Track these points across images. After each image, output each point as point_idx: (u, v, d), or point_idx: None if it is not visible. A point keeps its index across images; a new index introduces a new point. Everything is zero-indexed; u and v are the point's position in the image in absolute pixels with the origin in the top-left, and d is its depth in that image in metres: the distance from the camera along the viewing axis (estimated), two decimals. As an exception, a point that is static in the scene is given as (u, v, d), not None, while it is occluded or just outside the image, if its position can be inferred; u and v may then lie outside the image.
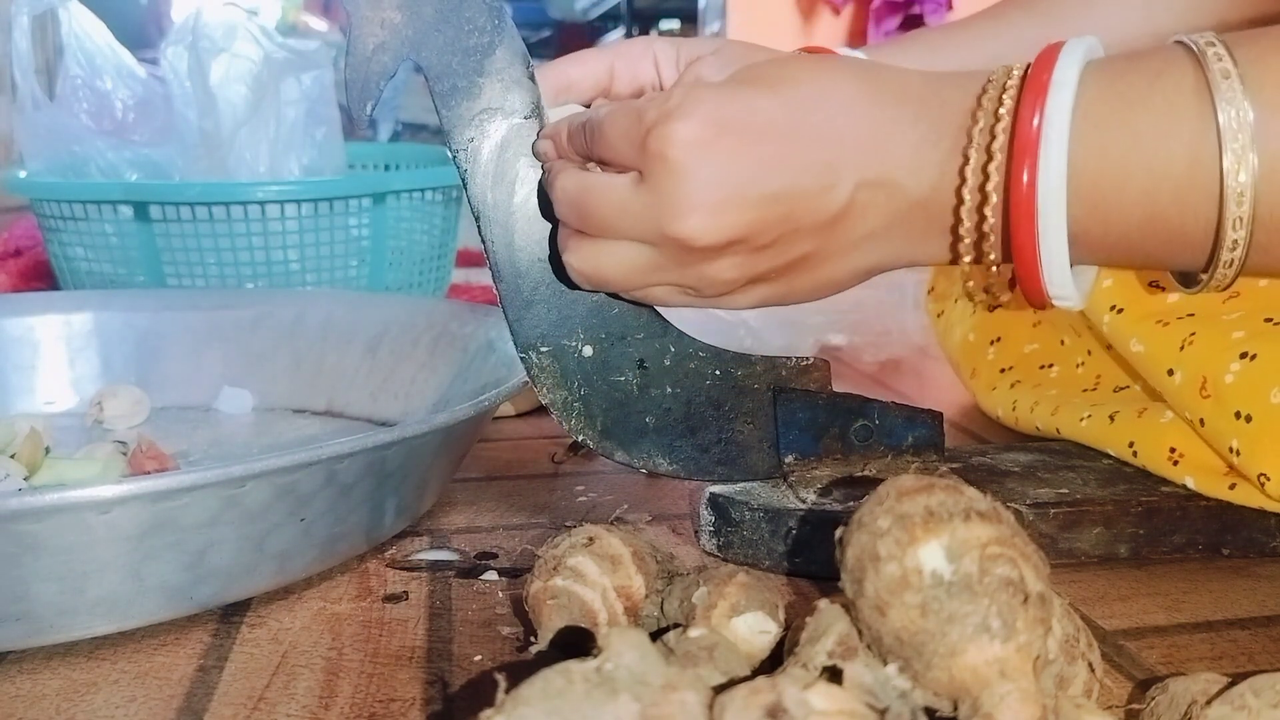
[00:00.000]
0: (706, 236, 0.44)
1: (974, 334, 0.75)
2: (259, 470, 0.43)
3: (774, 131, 0.44)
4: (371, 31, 0.50)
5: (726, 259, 0.45)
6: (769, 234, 0.44)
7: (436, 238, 1.01)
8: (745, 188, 0.43)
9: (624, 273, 0.47)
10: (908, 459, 0.55)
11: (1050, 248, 0.42)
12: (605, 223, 0.46)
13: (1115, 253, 0.44)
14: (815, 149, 0.44)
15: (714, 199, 0.43)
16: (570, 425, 0.52)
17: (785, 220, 0.44)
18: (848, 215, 0.44)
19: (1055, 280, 0.43)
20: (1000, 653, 0.31)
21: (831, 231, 0.45)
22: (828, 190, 0.43)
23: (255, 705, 0.41)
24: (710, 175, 0.43)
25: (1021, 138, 0.41)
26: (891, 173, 0.44)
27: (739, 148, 0.43)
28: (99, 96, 0.96)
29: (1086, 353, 0.66)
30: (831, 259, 0.46)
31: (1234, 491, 0.52)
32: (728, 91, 0.45)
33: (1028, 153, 0.41)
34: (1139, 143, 0.41)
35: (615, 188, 0.45)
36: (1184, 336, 0.54)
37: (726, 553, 0.53)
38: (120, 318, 0.77)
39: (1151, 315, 0.56)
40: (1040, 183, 0.41)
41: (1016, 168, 0.41)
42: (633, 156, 0.45)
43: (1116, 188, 0.41)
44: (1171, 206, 0.41)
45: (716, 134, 0.43)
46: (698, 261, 0.45)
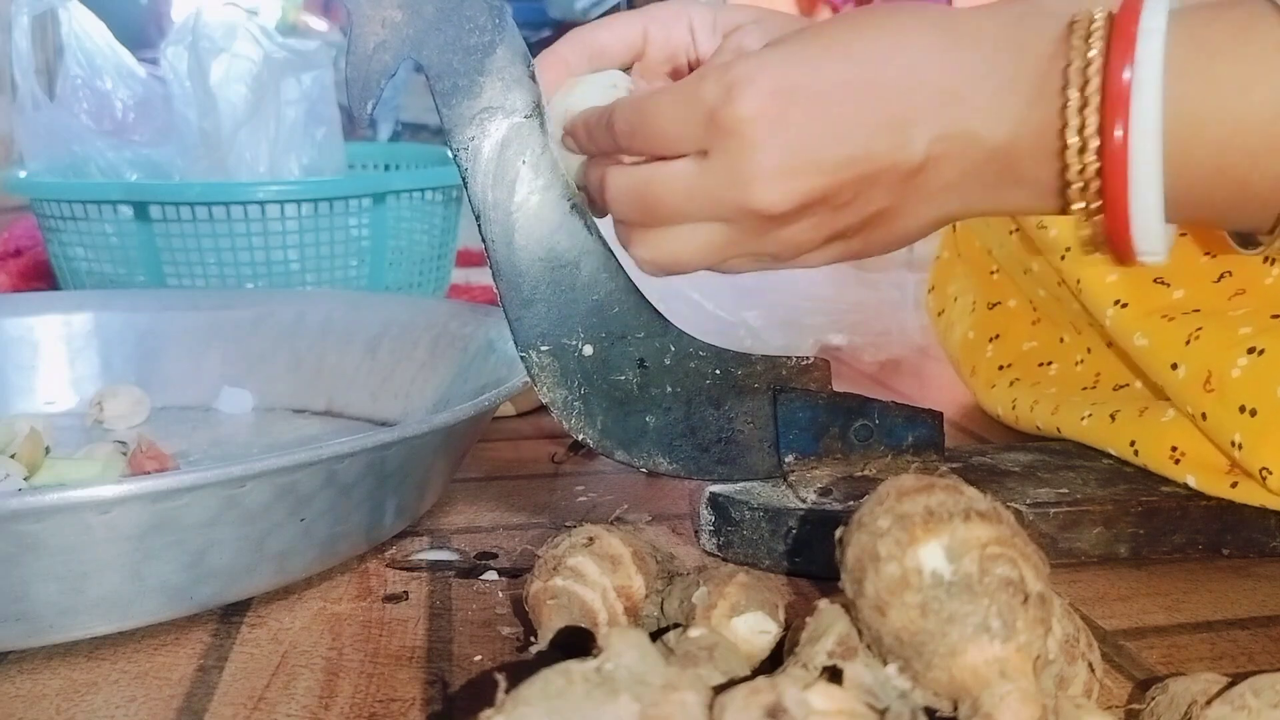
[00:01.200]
0: (784, 203, 0.43)
1: (973, 332, 0.75)
2: (259, 470, 0.43)
3: (844, 92, 0.43)
4: (372, 30, 0.50)
5: (804, 221, 0.45)
6: (846, 194, 0.44)
7: (436, 238, 1.01)
8: (820, 152, 0.43)
9: (700, 253, 0.47)
10: (908, 459, 0.55)
11: (1144, 203, 0.42)
12: (675, 210, 0.45)
13: (1184, 206, 0.43)
14: (887, 106, 0.43)
15: (790, 166, 0.43)
16: (570, 425, 0.52)
17: (862, 180, 0.44)
18: (923, 169, 0.44)
19: (1147, 236, 0.42)
20: (1000, 653, 0.31)
21: (908, 186, 0.44)
22: (902, 147, 0.43)
23: (255, 705, 0.41)
24: (784, 144, 0.43)
25: (1113, 90, 0.40)
26: (967, 123, 0.43)
27: (810, 113, 0.43)
28: (99, 96, 0.96)
29: (1086, 350, 0.66)
30: (908, 212, 0.45)
31: (1235, 490, 0.52)
32: (791, 56, 0.44)
33: (1120, 107, 0.40)
34: (1219, 93, 0.41)
35: (680, 173, 0.45)
36: (1190, 331, 0.54)
37: (726, 553, 0.53)
38: (120, 318, 0.77)
39: (1157, 310, 0.56)
40: (1134, 138, 0.41)
41: (1109, 121, 0.41)
42: (694, 138, 0.44)
43: (1193, 137, 0.41)
44: (1243, 160, 0.41)
45: (787, 102, 0.43)
46: (775, 229, 0.45)
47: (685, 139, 0.45)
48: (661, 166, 0.45)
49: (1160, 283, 0.57)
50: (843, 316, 0.96)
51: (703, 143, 0.44)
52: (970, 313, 0.76)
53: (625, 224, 0.48)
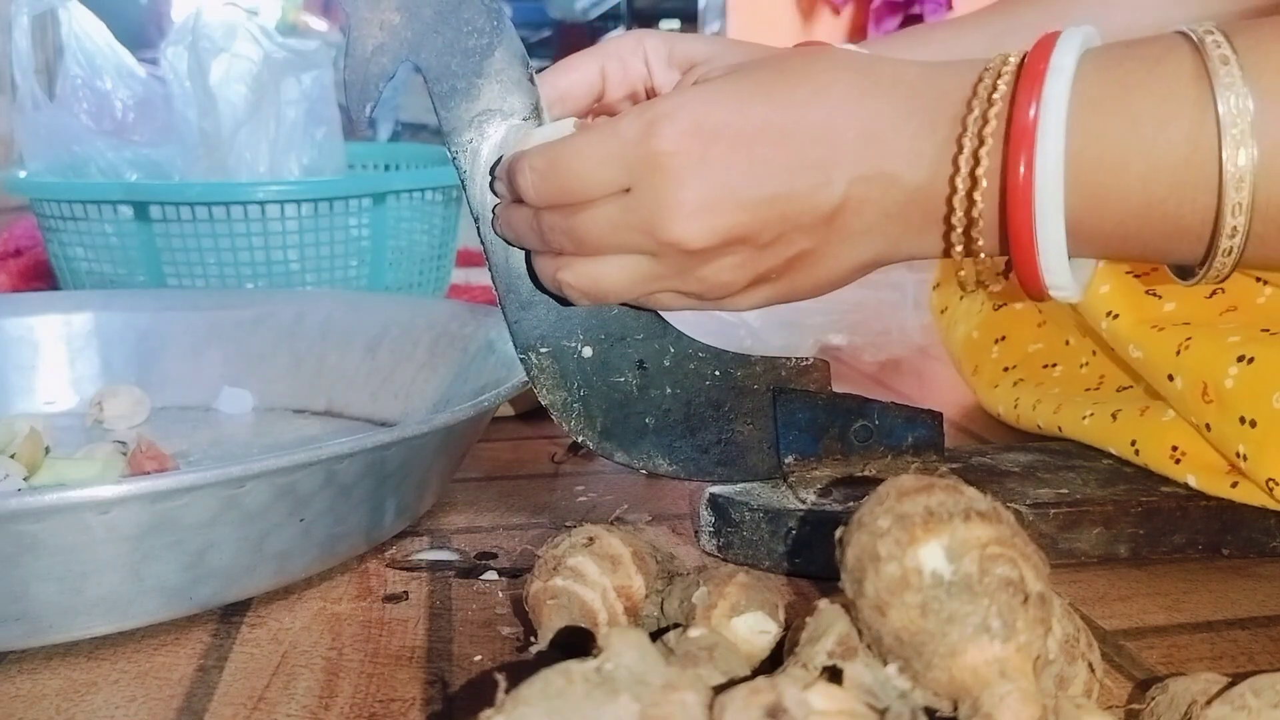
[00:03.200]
0: (702, 239, 0.44)
1: (978, 332, 0.75)
2: (259, 470, 0.43)
3: (765, 133, 0.43)
4: (371, 33, 0.50)
5: (725, 260, 0.45)
6: (766, 234, 0.44)
7: (436, 238, 1.01)
8: (738, 190, 0.43)
9: (625, 284, 0.47)
10: (908, 459, 0.55)
11: (1048, 238, 0.42)
12: (601, 243, 0.46)
13: (1112, 242, 0.43)
14: (808, 148, 0.43)
15: (708, 202, 0.43)
16: (570, 426, 0.52)
17: (781, 220, 0.44)
18: (843, 211, 0.44)
19: (1053, 270, 0.43)
20: (1000, 653, 0.31)
21: (829, 228, 0.44)
22: (821, 188, 0.43)
23: (255, 705, 0.41)
24: (705, 179, 0.43)
25: (1018, 126, 0.41)
26: (887, 166, 0.43)
27: (732, 152, 0.43)
28: (99, 96, 0.96)
29: (1091, 353, 0.66)
30: (830, 255, 0.46)
31: (1236, 490, 0.52)
32: (714, 96, 0.44)
33: (1024, 141, 0.41)
34: (1137, 129, 0.41)
35: (604, 208, 0.45)
36: (1180, 341, 0.54)
37: (726, 553, 0.53)
38: (120, 318, 0.77)
39: (1147, 321, 0.56)
40: (1038, 172, 0.41)
41: (1013, 157, 0.41)
42: (616, 176, 0.44)
43: (1113, 174, 0.41)
44: (1170, 194, 0.41)
45: (708, 140, 0.43)
46: (696, 265, 0.45)
47: (605, 180, 0.45)
48: (586, 207, 0.45)
49: (1152, 294, 0.57)
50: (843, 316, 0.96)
51: (624, 179, 0.44)
52: (976, 312, 0.76)
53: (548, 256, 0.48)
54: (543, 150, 0.46)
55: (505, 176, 0.49)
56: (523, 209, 0.48)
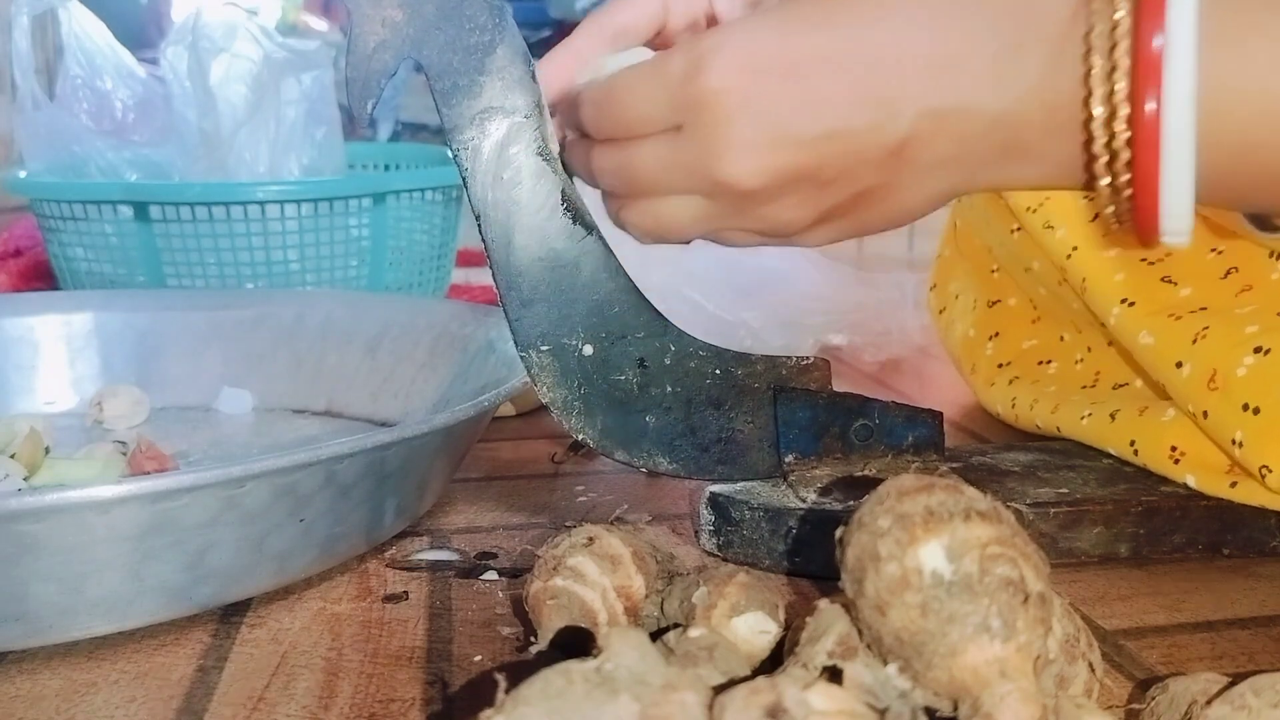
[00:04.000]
0: (754, 179, 0.42)
1: (974, 330, 0.75)
2: (259, 470, 0.43)
3: (820, 65, 0.41)
4: (372, 30, 0.50)
5: (786, 199, 0.43)
6: (826, 172, 0.42)
7: (436, 238, 1.01)
8: (790, 128, 0.41)
9: (687, 224, 0.45)
10: (908, 459, 0.55)
11: (1172, 180, 0.39)
12: (656, 184, 0.44)
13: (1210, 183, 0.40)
14: (869, 79, 0.41)
15: (759, 141, 0.41)
16: (570, 424, 0.52)
17: (842, 156, 0.42)
18: (912, 144, 0.41)
19: (1174, 214, 0.40)
20: (1000, 653, 0.31)
21: (896, 163, 0.42)
22: (884, 124, 0.41)
23: (255, 705, 0.41)
24: (755, 117, 0.41)
25: (1144, 58, 0.38)
26: (962, 94, 0.41)
27: (783, 86, 0.41)
28: (99, 96, 0.96)
29: (1086, 349, 0.66)
30: (901, 189, 0.43)
31: (1235, 490, 0.52)
32: (766, 26, 0.42)
33: (1151, 76, 0.38)
34: (1249, 69, 0.38)
35: (655, 150, 0.44)
36: (1197, 330, 0.53)
37: (726, 553, 0.53)
38: (120, 318, 0.77)
39: (1164, 309, 0.56)
40: (1165, 111, 0.38)
41: (1139, 92, 0.38)
42: (663, 115, 0.43)
43: (1223, 111, 0.39)
44: (1272, 139, 0.39)
45: (758, 74, 0.41)
46: (755, 205, 0.44)
47: (654, 117, 0.43)
48: (638, 144, 0.44)
49: (1167, 280, 0.57)
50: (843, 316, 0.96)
51: (674, 118, 0.43)
52: (971, 310, 0.76)
53: (614, 196, 0.47)
54: (600, 86, 0.45)
55: (569, 108, 0.48)
56: (579, 144, 0.47)
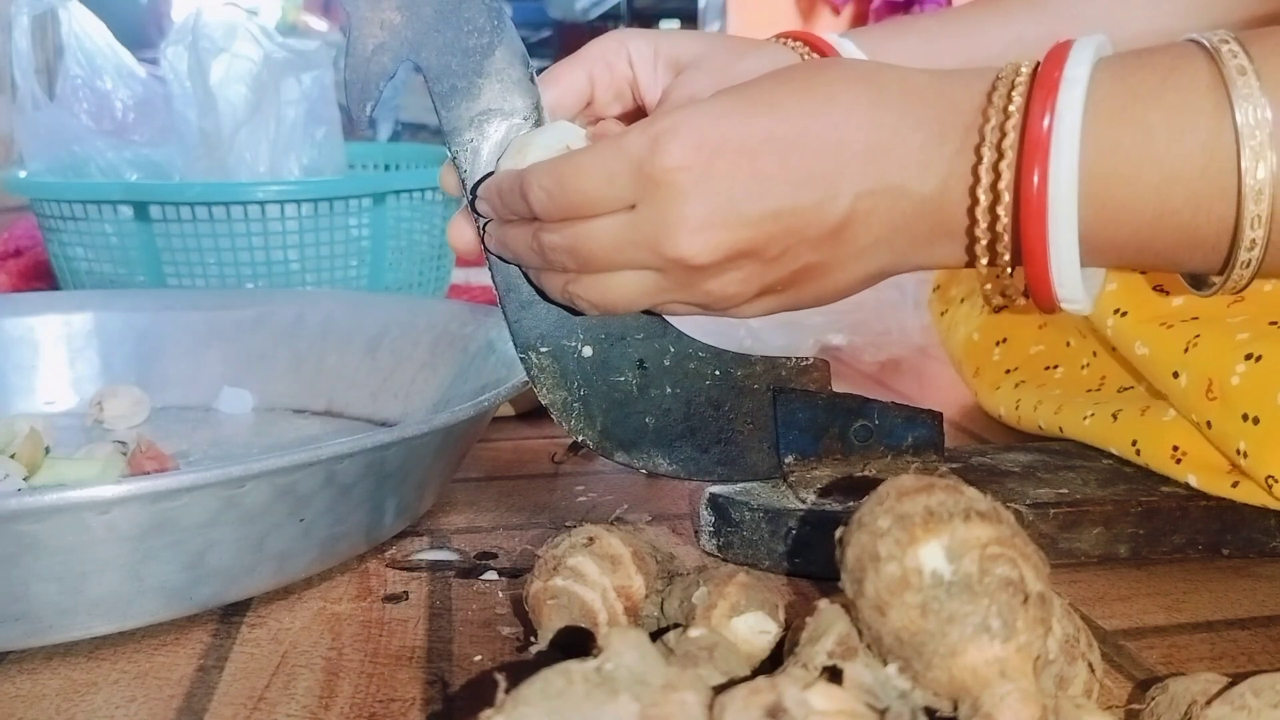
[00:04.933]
0: (705, 255, 0.44)
1: (979, 334, 0.75)
2: (259, 470, 0.43)
3: (769, 147, 0.43)
4: (371, 32, 0.50)
5: (730, 274, 0.45)
6: (771, 249, 0.44)
7: (436, 238, 1.01)
8: (742, 205, 0.43)
9: (635, 297, 0.47)
10: (908, 459, 0.55)
11: (1060, 250, 0.42)
12: (606, 260, 0.45)
13: (1125, 253, 0.43)
14: (812, 162, 0.43)
15: (712, 218, 0.43)
16: (570, 426, 0.52)
17: (786, 234, 0.44)
18: (850, 224, 0.44)
19: (1065, 283, 0.43)
20: (1000, 653, 0.31)
21: (836, 241, 0.44)
22: (827, 202, 0.43)
23: (255, 705, 0.41)
24: (709, 195, 0.43)
25: (1032, 137, 0.41)
26: (894, 178, 0.43)
27: (735, 166, 0.43)
28: (99, 96, 0.96)
29: (1092, 354, 0.66)
30: (837, 267, 0.45)
31: (1236, 489, 0.52)
32: (718, 110, 0.44)
33: (1038, 153, 0.40)
34: (1151, 139, 0.40)
35: (608, 226, 0.45)
36: (1188, 339, 0.54)
37: (726, 553, 0.53)
38: (120, 318, 0.77)
39: (1156, 318, 0.56)
40: (1051, 184, 0.41)
41: (1026, 168, 0.41)
42: (619, 195, 0.44)
43: (1127, 185, 0.41)
44: (1185, 205, 0.41)
45: (712, 155, 0.43)
46: (702, 279, 0.45)
47: (609, 197, 0.44)
48: (590, 223, 0.45)
49: (1159, 290, 0.57)
50: (843, 316, 0.96)
51: (629, 197, 0.44)
52: (976, 315, 0.76)
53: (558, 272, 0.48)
54: (549, 168, 0.46)
55: (499, 195, 0.48)
56: (520, 228, 0.48)
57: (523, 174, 0.46)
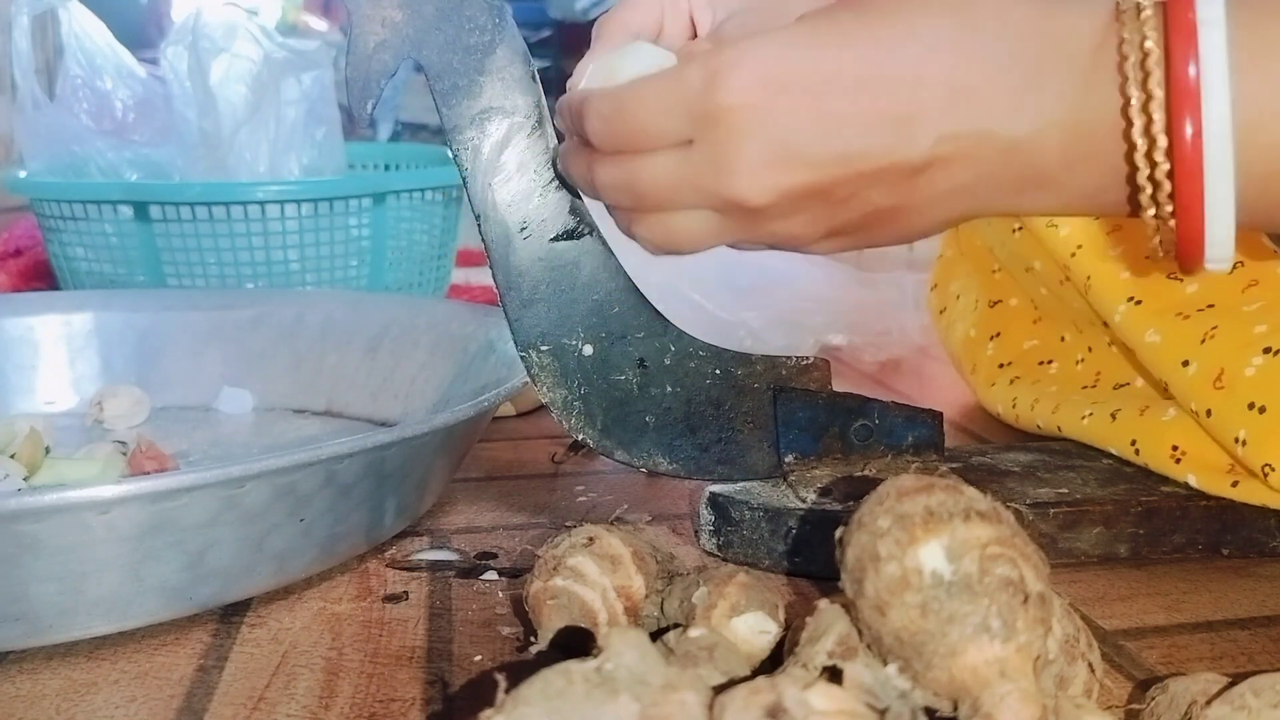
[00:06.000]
0: (766, 196, 0.41)
1: (974, 330, 0.75)
2: (258, 470, 0.43)
3: (839, 85, 0.40)
4: (372, 30, 0.50)
5: (796, 216, 0.43)
6: (839, 191, 0.42)
7: (436, 238, 1.01)
8: (808, 146, 0.41)
9: (698, 237, 0.45)
10: (908, 459, 0.55)
11: (1216, 206, 0.39)
12: (664, 200, 0.43)
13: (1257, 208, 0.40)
14: (887, 101, 0.40)
15: (771, 159, 0.41)
16: (570, 424, 0.52)
17: (856, 178, 0.41)
18: (928, 170, 0.41)
19: (1217, 241, 0.40)
20: (1000, 653, 0.31)
21: (911, 186, 0.42)
22: (902, 146, 0.40)
23: (255, 705, 0.41)
24: (769, 135, 0.41)
25: (1179, 86, 0.37)
26: (981, 121, 0.40)
27: (799, 105, 0.40)
28: (99, 96, 0.96)
29: (1087, 349, 0.66)
30: (914, 212, 0.43)
31: (1236, 489, 0.52)
32: (785, 43, 0.41)
33: (1188, 104, 0.38)
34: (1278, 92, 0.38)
35: (664, 164, 0.43)
36: (1205, 330, 0.53)
37: (726, 553, 0.53)
38: (120, 318, 0.77)
39: (1171, 308, 0.56)
40: (1206, 137, 0.38)
41: (1177, 119, 0.38)
42: (676, 129, 0.42)
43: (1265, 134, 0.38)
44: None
45: (775, 91, 0.40)
46: (765, 221, 0.43)
47: (666, 131, 0.42)
48: (646, 158, 0.43)
49: (1174, 278, 0.56)
50: (843, 316, 0.96)
51: (686, 132, 0.42)
52: (972, 311, 0.76)
53: (620, 210, 0.46)
54: (610, 94, 0.44)
55: (567, 113, 0.46)
56: (581, 153, 0.46)
57: (584, 97, 0.44)
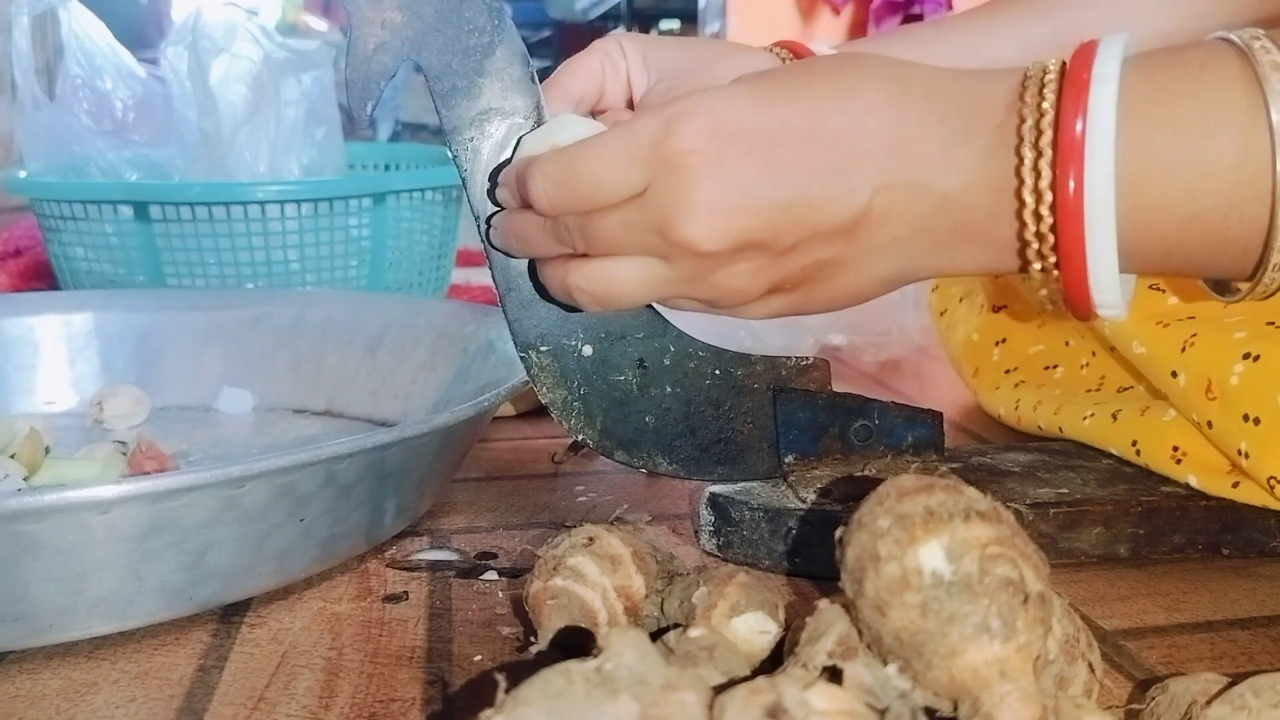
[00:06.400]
0: (713, 241, 0.43)
1: (978, 334, 0.75)
2: (258, 470, 0.43)
3: (786, 136, 0.42)
4: (372, 31, 0.50)
5: (739, 265, 0.44)
6: (782, 240, 0.43)
7: (436, 238, 1.01)
8: (754, 193, 0.42)
9: (636, 289, 0.46)
10: (908, 459, 0.55)
11: (1098, 255, 0.40)
12: (612, 242, 0.44)
13: (1153, 257, 0.42)
14: (830, 154, 0.42)
15: (722, 204, 0.42)
16: (570, 425, 0.52)
17: (799, 226, 0.43)
18: (866, 220, 0.42)
19: (1103, 288, 0.41)
20: (1000, 653, 0.31)
21: (850, 237, 0.43)
22: (843, 196, 0.42)
23: (255, 705, 0.41)
24: (722, 180, 0.42)
25: (1065, 139, 0.40)
26: (915, 174, 0.42)
27: (749, 153, 0.42)
28: (99, 96, 0.96)
29: (1091, 354, 0.66)
30: (852, 266, 0.44)
31: (1237, 490, 0.52)
32: (735, 97, 0.43)
33: (1073, 156, 0.39)
34: (1183, 138, 0.39)
35: (618, 207, 0.44)
36: (1185, 338, 0.54)
37: (726, 553, 0.53)
38: (120, 318, 0.77)
39: (1152, 316, 0.56)
40: (1088, 188, 0.39)
41: (1062, 174, 0.40)
42: (632, 178, 0.43)
43: (1159, 186, 0.40)
44: (1216, 206, 0.40)
45: (726, 140, 0.42)
46: (709, 270, 0.44)
47: (620, 184, 0.43)
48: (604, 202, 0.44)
49: (1155, 289, 0.57)
50: (843, 316, 0.96)
51: (640, 181, 0.43)
52: (975, 314, 0.76)
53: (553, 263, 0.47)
54: (557, 157, 0.45)
55: (513, 184, 0.47)
56: (533, 215, 0.47)
57: (526, 163, 0.46)
